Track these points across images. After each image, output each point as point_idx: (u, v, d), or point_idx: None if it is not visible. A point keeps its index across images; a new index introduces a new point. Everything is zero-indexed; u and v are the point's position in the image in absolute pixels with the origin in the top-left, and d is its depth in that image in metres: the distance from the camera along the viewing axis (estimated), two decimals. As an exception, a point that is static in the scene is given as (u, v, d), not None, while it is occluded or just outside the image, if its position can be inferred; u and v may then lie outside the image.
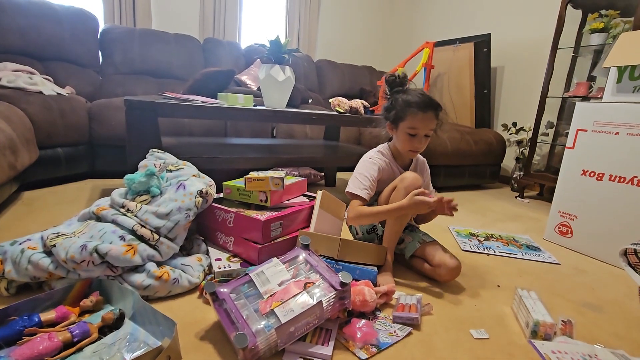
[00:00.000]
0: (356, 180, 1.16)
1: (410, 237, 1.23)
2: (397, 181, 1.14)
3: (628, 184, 1.38)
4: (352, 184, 1.16)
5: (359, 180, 1.16)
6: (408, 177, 1.10)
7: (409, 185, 1.08)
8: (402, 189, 1.09)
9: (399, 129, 1.16)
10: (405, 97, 1.14)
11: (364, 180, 1.15)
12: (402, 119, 1.13)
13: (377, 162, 1.19)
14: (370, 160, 1.20)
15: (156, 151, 1.25)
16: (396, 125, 1.16)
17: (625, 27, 2.08)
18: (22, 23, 2.23)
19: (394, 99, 1.17)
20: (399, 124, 1.15)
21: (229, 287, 0.82)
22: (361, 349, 0.79)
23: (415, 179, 1.10)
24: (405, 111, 1.12)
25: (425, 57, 2.96)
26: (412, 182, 1.09)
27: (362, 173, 1.17)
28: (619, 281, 1.28)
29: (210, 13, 3.12)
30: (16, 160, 1.40)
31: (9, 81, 1.82)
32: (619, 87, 1.45)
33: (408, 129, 1.13)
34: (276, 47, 1.49)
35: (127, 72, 2.62)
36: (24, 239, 0.93)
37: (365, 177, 1.15)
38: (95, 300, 0.83)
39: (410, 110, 1.11)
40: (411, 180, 1.09)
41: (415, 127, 1.12)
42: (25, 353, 0.65)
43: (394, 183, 1.15)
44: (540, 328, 0.86)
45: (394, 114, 1.16)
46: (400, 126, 1.15)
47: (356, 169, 1.21)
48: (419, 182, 1.10)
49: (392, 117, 1.17)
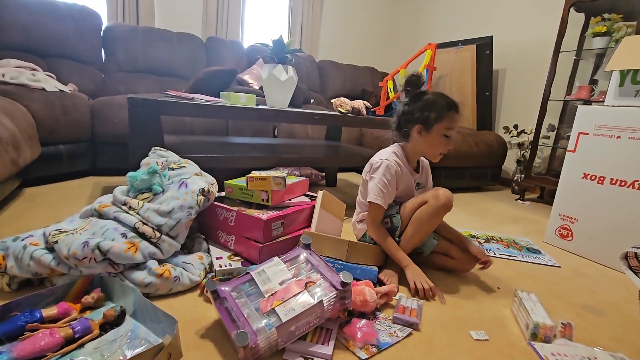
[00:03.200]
0: (377, 187, 1.14)
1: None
2: (428, 196, 1.11)
3: (629, 187, 1.38)
4: (373, 191, 1.14)
5: (381, 190, 1.13)
6: (442, 196, 1.08)
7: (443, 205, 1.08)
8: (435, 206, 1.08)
9: (432, 131, 1.12)
10: (435, 98, 1.12)
11: (384, 187, 1.13)
12: (438, 120, 1.10)
13: (395, 167, 1.15)
14: (389, 167, 1.15)
15: (158, 149, 1.25)
16: (430, 127, 1.12)
17: (627, 31, 2.08)
18: (26, 20, 2.23)
19: (426, 101, 1.13)
20: (434, 126, 1.11)
21: (230, 285, 0.82)
22: (361, 349, 0.79)
23: (450, 200, 1.09)
24: (442, 112, 1.10)
25: (428, 59, 2.96)
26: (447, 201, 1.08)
27: (384, 182, 1.13)
28: (619, 284, 1.29)
29: (213, 12, 3.12)
30: (18, 157, 1.40)
31: (11, 78, 1.82)
32: (621, 91, 1.45)
33: (445, 130, 1.11)
34: (279, 46, 1.49)
35: (130, 70, 2.63)
36: (26, 235, 0.93)
37: (385, 184, 1.13)
38: (96, 297, 0.83)
39: (447, 111, 1.10)
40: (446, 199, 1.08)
41: (452, 128, 1.11)
42: (27, 348, 0.65)
43: (424, 197, 1.13)
44: (540, 330, 0.86)
45: (426, 116, 1.11)
46: (435, 128, 1.11)
47: (376, 172, 1.16)
48: (452, 201, 1.09)
49: (425, 119, 1.12)
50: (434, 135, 1.13)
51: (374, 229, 1.15)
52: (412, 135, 1.16)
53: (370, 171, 1.20)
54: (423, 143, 1.16)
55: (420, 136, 1.15)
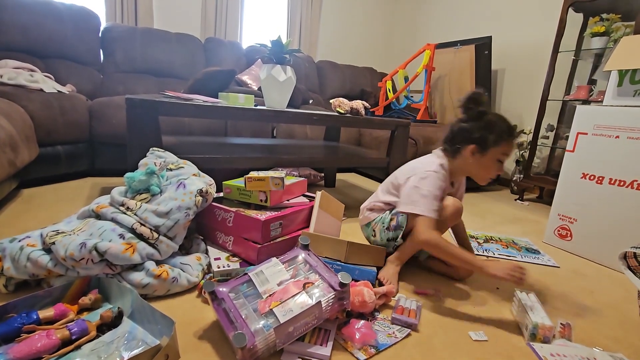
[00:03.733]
0: (425, 199, 1.05)
1: None
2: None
3: (628, 187, 1.38)
4: (425, 205, 1.05)
5: (429, 200, 1.05)
6: (450, 207, 1.07)
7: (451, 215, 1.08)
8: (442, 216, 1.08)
9: (488, 154, 1.07)
10: (497, 121, 1.07)
11: (435, 199, 1.06)
12: (496, 144, 1.06)
13: (442, 180, 1.09)
14: (437, 177, 1.09)
15: (156, 150, 1.25)
16: (486, 149, 1.07)
17: (626, 31, 2.08)
18: (24, 20, 2.23)
19: (487, 122, 1.07)
20: (490, 149, 1.07)
21: (228, 286, 0.82)
22: (360, 350, 0.79)
23: (458, 210, 1.08)
24: (502, 136, 1.06)
25: (426, 59, 2.97)
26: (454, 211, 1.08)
27: (431, 192, 1.06)
28: (618, 285, 1.28)
29: (212, 13, 3.12)
30: (16, 158, 1.40)
31: (9, 78, 1.82)
32: (619, 91, 1.46)
33: (501, 155, 1.07)
34: (277, 47, 1.49)
35: (128, 70, 2.62)
36: (23, 236, 0.92)
37: (436, 196, 1.06)
38: (93, 298, 0.83)
39: (507, 136, 1.06)
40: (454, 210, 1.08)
41: (508, 153, 1.08)
42: (24, 350, 0.65)
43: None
44: (539, 331, 0.86)
45: (485, 138, 1.06)
46: (491, 151, 1.07)
47: (423, 183, 1.08)
48: (460, 211, 1.09)
49: (482, 140, 1.07)
50: (488, 159, 1.08)
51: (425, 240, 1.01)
52: (464, 153, 1.11)
53: (412, 177, 1.12)
54: (474, 164, 1.10)
55: (472, 157, 1.09)
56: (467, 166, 1.12)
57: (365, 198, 2.15)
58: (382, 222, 1.18)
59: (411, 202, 1.08)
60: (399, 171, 1.21)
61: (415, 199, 1.07)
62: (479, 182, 1.15)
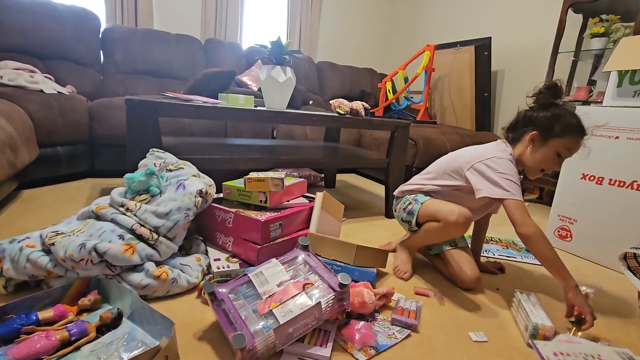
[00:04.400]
0: (509, 182, 0.99)
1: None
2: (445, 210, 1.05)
3: (628, 188, 1.38)
4: (513, 189, 0.98)
5: (514, 183, 0.99)
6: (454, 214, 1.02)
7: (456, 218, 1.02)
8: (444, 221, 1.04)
9: (548, 145, 1.03)
10: (567, 114, 1.02)
11: (516, 180, 1.01)
12: (559, 136, 1.01)
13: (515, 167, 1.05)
14: (510, 162, 1.04)
15: (156, 150, 1.25)
16: (548, 138, 1.03)
17: (625, 31, 2.08)
18: (24, 21, 2.23)
19: (555, 112, 1.03)
20: (551, 139, 1.02)
21: (228, 287, 0.82)
22: (359, 351, 0.78)
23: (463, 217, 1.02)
24: (569, 130, 1.01)
25: (426, 60, 2.97)
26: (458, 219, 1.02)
27: (512, 175, 1.01)
28: (618, 285, 1.28)
29: (211, 14, 3.13)
30: (16, 158, 1.40)
31: (10, 79, 1.82)
32: (619, 92, 1.46)
33: (563, 149, 1.02)
34: (277, 48, 1.49)
35: (128, 71, 2.62)
36: (22, 237, 0.92)
37: (518, 179, 1.01)
38: (93, 299, 0.83)
39: (572, 131, 1.01)
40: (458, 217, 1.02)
41: (570, 150, 1.02)
42: (23, 351, 0.65)
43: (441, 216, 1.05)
44: (539, 331, 0.86)
45: (550, 126, 1.02)
46: (553, 142, 1.02)
47: (497, 166, 1.02)
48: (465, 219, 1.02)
49: (546, 127, 1.03)
50: (547, 149, 1.03)
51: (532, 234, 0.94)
52: (523, 139, 1.07)
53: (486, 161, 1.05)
54: (531, 152, 1.06)
55: (532, 144, 1.06)
56: (523, 155, 1.07)
57: (366, 199, 2.15)
58: (405, 202, 1.20)
59: (496, 186, 1.00)
60: (455, 156, 1.15)
61: (502, 183, 0.99)
62: (530, 174, 1.09)
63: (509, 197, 0.97)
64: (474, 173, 1.06)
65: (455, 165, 1.13)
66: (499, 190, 0.99)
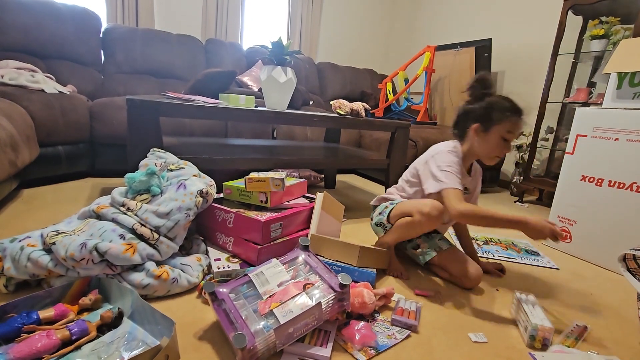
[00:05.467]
0: (444, 172, 1.07)
1: (426, 244, 1.21)
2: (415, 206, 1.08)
3: (627, 189, 1.38)
4: (447, 178, 1.06)
5: (450, 173, 1.07)
6: (426, 206, 1.05)
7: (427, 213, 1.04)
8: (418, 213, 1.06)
9: (490, 132, 1.09)
10: (499, 100, 1.09)
11: (457, 173, 1.08)
12: (499, 122, 1.08)
13: (457, 157, 1.12)
14: (449, 152, 1.12)
15: (157, 150, 1.25)
16: (488, 128, 1.10)
17: (625, 34, 2.09)
18: (25, 21, 2.23)
19: (489, 101, 1.10)
20: (492, 127, 1.09)
21: (228, 287, 0.82)
22: (359, 351, 0.79)
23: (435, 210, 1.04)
24: (505, 114, 1.07)
25: (427, 61, 2.97)
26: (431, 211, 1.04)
27: (450, 165, 1.09)
28: (617, 287, 1.29)
29: (212, 14, 3.13)
30: (17, 158, 1.40)
31: (10, 79, 1.82)
32: (619, 93, 1.46)
33: (505, 133, 1.08)
34: (278, 48, 1.49)
35: (129, 71, 2.63)
36: (23, 236, 0.93)
37: (457, 171, 1.08)
38: (94, 299, 0.83)
39: (509, 115, 1.07)
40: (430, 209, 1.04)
41: (512, 132, 1.08)
42: (24, 350, 0.65)
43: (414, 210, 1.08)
44: (538, 332, 0.86)
45: (487, 115, 1.09)
46: (494, 129, 1.09)
47: (438, 160, 1.11)
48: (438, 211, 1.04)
49: (484, 118, 1.10)
50: (491, 136, 1.09)
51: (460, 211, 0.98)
52: (469, 134, 1.14)
53: (428, 161, 1.14)
54: (479, 143, 1.13)
55: (477, 136, 1.12)
56: (473, 147, 1.14)
57: (366, 199, 2.15)
58: (381, 207, 1.25)
59: (435, 179, 1.08)
60: (416, 162, 1.23)
61: (438, 175, 1.08)
62: (485, 161, 1.14)
63: (443, 187, 1.05)
64: (423, 173, 1.16)
65: (414, 171, 1.22)
66: (437, 183, 1.07)
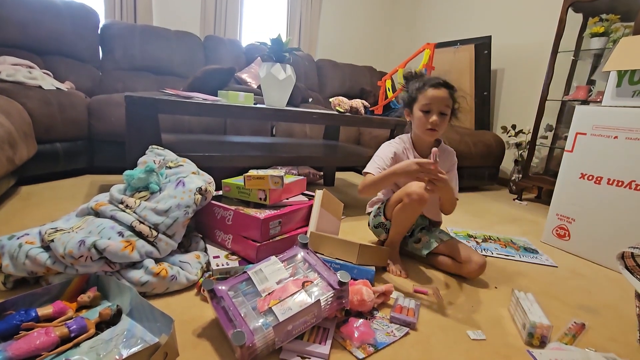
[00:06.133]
0: (372, 161, 1.23)
1: (427, 237, 1.26)
2: (403, 193, 1.13)
3: (626, 188, 1.38)
4: (368, 164, 1.22)
5: (374, 160, 1.22)
6: (412, 193, 1.09)
7: (411, 193, 1.09)
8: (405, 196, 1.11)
9: (414, 112, 1.19)
10: (414, 82, 1.21)
11: (378, 160, 1.21)
12: (415, 99, 1.18)
13: (394, 145, 1.25)
14: (388, 144, 1.27)
15: (156, 148, 1.24)
16: (411, 108, 1.20)
17: (625, 31, 2.08)
18: (23, 17, 2.22)
19: (408, 86, 1.23)
20: (413, 106, 1.19)
21: (227, 284, 0.82)
22: (358, 349, 0.79)
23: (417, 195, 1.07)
24: (418, 92, 1.17)
25: (426, 58, 2.96)
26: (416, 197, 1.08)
27: (377, 155, 1.24)
28: (615, 284, 1.29)
29: (211, 10, 3.11)
30: (14, 155, 1.39)
31: (8, 75, 1.81)
32: (618, 92, 1.46)
33: (422, 107, 1.16)
34: (277, 45, 1.49)
35: (127, 68, 2.61)
36: (21, 234, 0.92)
37: (379, 158, 1.21)
38: (92, 296, 0.83)
39: (422, 90, 1.16)
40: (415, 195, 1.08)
41: (427, 103, 1.15)
42: (22, 348, 0.65)
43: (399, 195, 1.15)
44: (536, 330, 0.86)
45: (408, 98, 1.21)
46: (414, 108, 1.19)
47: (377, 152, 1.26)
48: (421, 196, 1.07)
49: (407, 101, 1.22)
50: (415, 115, 1.19)
51: (359, 189, 1.17)
52: (408, 122, 1.27)
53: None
54: (413, 124, 1.24)
55: (410, 119, 1.25)
56: (414, 130, 1.26)
57: (365, 197, 2.15)
58: (376, 209, 1.32)
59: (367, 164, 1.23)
60: None
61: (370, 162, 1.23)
62: (424, 137, 1.22)
63: (364, 172, 1.21)
64: None
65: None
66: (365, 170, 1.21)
